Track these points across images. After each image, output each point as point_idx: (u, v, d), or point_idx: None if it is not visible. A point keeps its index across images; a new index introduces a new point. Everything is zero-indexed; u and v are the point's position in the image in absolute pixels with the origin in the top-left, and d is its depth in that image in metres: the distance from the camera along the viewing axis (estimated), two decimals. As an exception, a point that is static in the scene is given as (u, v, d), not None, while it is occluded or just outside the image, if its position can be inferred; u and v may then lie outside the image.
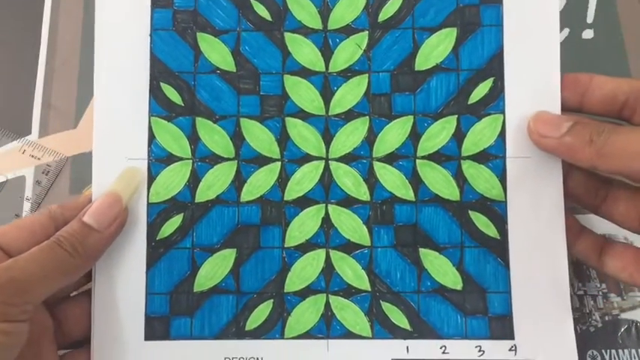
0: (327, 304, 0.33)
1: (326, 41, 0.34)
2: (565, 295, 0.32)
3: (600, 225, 0.36)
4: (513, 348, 0.32)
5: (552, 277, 0.32)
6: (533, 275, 0.32)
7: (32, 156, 0.40)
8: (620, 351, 0.35)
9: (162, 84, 0.34)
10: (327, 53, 0.34)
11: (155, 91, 0.34)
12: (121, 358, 0.32)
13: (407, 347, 0.32)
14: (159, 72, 0.34)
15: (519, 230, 0.32)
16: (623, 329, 0.36)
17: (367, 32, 0.34)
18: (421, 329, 0.32)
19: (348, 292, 0.33)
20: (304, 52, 0.34)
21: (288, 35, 0.34)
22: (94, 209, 0.31)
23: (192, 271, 0.33)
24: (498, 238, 0.32)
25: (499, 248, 0.32)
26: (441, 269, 0.33)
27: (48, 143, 0.41)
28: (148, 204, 0.33)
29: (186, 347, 0.32)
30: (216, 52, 0.34)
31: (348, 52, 0.34)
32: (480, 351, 0.32)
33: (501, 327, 0.32)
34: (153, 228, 0.33)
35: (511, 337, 0.32)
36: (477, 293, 0.32)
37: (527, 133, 0.32)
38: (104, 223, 0.31)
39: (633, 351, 0.35)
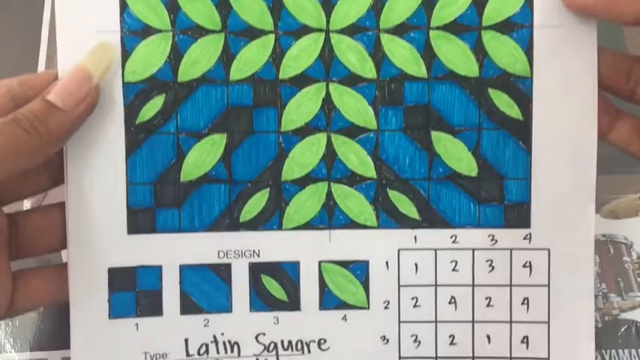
0: (329, 193, 0.30)
1: None
2: (591, 184, 0.29)
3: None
4: (528, 237, 0.30)
5: (578, 162, 0.29)
6: (558, 160, 0.29)
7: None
8: (620, 351, 0.35)
9: (131, -61, 0.28)
10: None
11: (124, -51, 0.28)
12: (102, 255, 0.29)
13: (415, 237, 0.30)
14: None
15: (545, 109, 0.29)
16: (623, 329, 0.35)
17: None
18: (431, 218, 0.30)
19: (352, 179, 0.30)
20: None
21: None
22: (60, 87, 0.27)
23: (178, 159, 0.29)
24: (521, 119, 0.29)
25: (521, 130, 0.29)
26: (455, 154, 0.30)
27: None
28: (124, 84, 0.29)
29: (175, 241, 0.29)
30: None
31: None
32: (492, 240, 0.30)
33: (517, 215, 0.30)
34: (131, 111, 0.29)
35: (527, 225, 0.30)
36: (494, 180, 0.30)
37: None
38: (71, 103, 0.27)
39: (633, 351, 0.35)
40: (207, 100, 0.29)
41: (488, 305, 0.30)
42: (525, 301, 0.30)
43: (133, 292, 0.29)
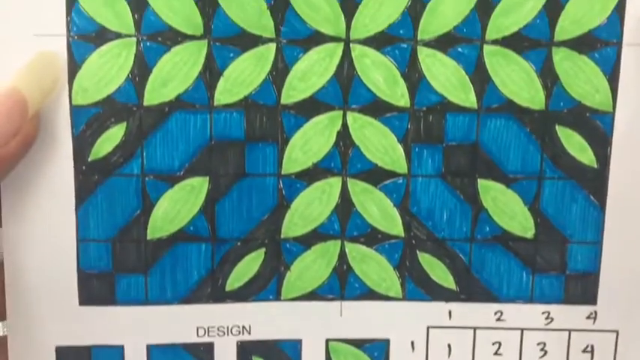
0: (342, 255, 0.23)
1: None
2: None
3: None
4: (593, 315, 0.23)
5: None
6: (638, 221, 0.23)
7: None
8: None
9: None
10: None
11: None
12: (48, 330, 0.22)
13: (449, 312, 0.23)
14: None
15: (627, 155, 0.22)
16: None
17: None
18: (471, 289, 0.23)
19: (372, 237, 0.23)
20: None
21: None
22: None
23: (145, 209, 0.22)
24: (595, 166, 0.22)
25: (594, 181, 0.22)
26: (507, 209, 0.23)
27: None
28: (72, 107, 0.22)
29: (141, 315, 0.23)
30: None
31: None
32: (547, 318, 0.24)
33: (581, 289, 0.23)
34: (81, 144, 0.22)
35: (592, 301, 0.23)
36: (555, 243, 0.23)
37: None
38: (0, 139, 0.20)
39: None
40: (184, 132, 0.22)
41: (538, 399, 0.24)
42: (585, 395, 0.24)
43: (87, 379, 0.23)
